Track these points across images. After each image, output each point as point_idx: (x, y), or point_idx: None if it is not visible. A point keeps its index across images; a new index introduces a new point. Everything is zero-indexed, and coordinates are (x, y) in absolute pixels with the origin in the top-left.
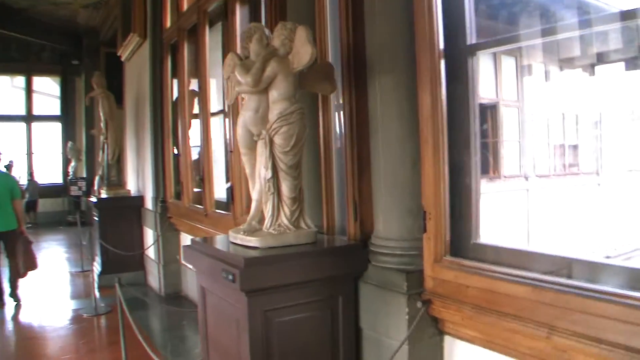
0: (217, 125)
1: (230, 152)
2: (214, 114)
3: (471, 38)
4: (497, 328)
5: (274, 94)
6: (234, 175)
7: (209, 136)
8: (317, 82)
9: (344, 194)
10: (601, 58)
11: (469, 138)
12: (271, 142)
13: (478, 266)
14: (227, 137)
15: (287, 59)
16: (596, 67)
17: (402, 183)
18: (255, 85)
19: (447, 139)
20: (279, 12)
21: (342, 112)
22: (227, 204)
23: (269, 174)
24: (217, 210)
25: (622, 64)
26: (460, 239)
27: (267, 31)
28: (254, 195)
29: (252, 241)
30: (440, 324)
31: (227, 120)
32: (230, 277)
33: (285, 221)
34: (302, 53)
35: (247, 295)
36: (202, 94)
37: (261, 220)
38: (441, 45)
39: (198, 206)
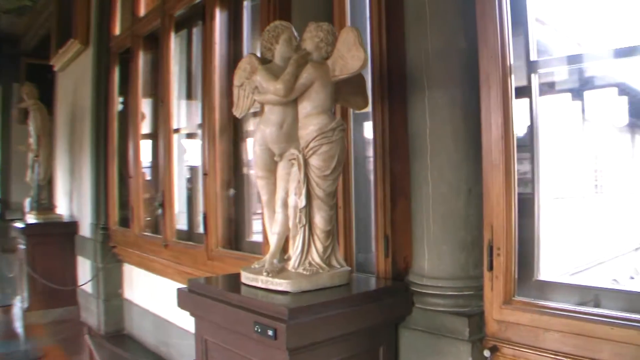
0: (180, 145)
1: (204, 175)
2: (177, 131)
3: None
4: None
5: (306, 106)
6: (209, 202)
7: (172, 157)
8: (350, 95)
9: (365, 224)
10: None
11: (533, 162)
12: (306, 164)
13: (560, 307)
14: (204, 157)
15: (326, 65)
16: None
17: (456, 214)
18: (287, 95)
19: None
20: (277, 12)
21: (371, 130)
22: (191, 235)
23: (303, 202)
24: (180, 241)
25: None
26: (524, 276)
27: (295, 32)
28: (275, 228)
29: (282, 284)
30: None
31: (196, 138)
32: (271, 332)
33: (317, 259)
34: (349, 58)
35: (291, 355)
36: (164, 109)
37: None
38: (512, 59)
39: (154, 235)
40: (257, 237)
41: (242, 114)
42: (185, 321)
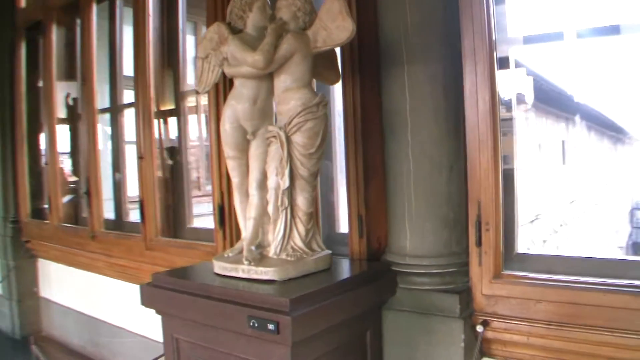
0: (105, 127)
1: (140, 158)
2: (102, 111)
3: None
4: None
5: (285, 79)
6: (146, 188)
7: (97, 140)
8: (322, 69)
9: (329, 202)
10: None
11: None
12: (288, 141)
13: (552, 278)
14: (139, 139)
15: (306, 36)
16: None
17: (438, 190)
18: (266, 66)
19: None
20: None
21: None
22: (120, 224)
23: (286, 183)
24: (110, 231)
25: None
26: (506, 250)
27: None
28: (251, 213)
29: (268, 272)
30: (493, 347)
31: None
32: (272, 326)
33: (300, 243)
34: (334, 29)
35: (292, 349)
36: (87, 88)
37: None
38: (495, 34)
39: (77, 226)
40: (199, 223)
41: (205, 88)
42: (118, 318)
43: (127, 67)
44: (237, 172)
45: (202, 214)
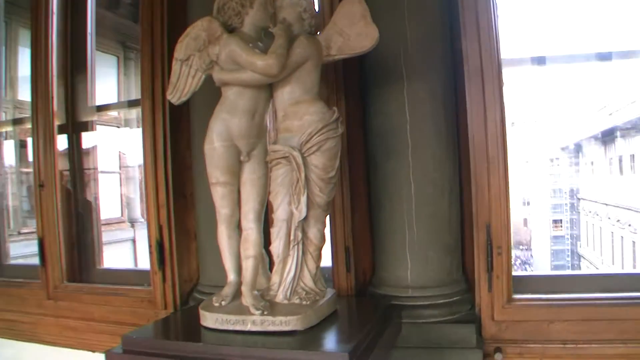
0: None
1: (40, 186)
2: None
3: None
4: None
5: (294, 90)
6: (48, 223)
7: None
8: None
9: None
10: None
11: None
12: (305, 164)
13: (564, 297)
14: (37, 162)
15: (319, 41)
16: None
17: (441, 215)
18: (279, 73)
19: None
20: None
21: None
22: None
23: (303, 213)
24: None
25: None
26: None
27: None
28: (250, 250)
29: (290, 322)
30: None
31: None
32: None
33: (310, 283)
34: (353, 35)
35: None
36: None
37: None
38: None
39: None
40: (111, 262)
41: (181, 98)
42: None
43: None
44: (228, 201)
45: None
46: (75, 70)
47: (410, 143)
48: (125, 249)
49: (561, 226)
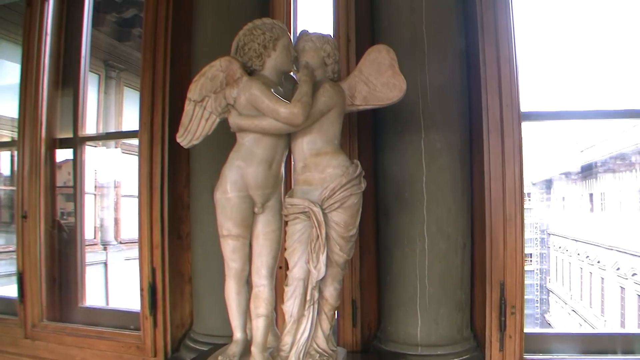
0: None
1: (23, 217)
2: None
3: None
4: None
5: (315, 140)
6: (29, 256)
7: None
8: None
9: None
10: None
11: None
12: (326, 220)
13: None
14: (21, 191)
15: (342, 89)
16: None
17: (454, 271)
18: (303, 123)
19: None
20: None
21: None
22: None
23: (322, 272)
24: None
25: None
26: None
27: None
28: (262, 309)
29: None
30: None
31: None
32: None
33: (323, 344)
34: (380, 85)
35: None
36: None
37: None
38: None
39: None
40: (93, 300)
41: (192, 142)
42: None
43: None
44: (239, 255)
45: None
46: (65, 91)
47: (425, 196)
48: (96, 271)
49: (531, 260)
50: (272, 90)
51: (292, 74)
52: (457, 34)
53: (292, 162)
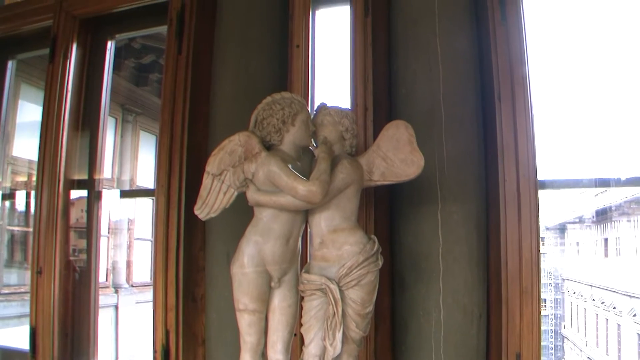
0: None
1: (38, 273)
2: None
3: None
4: None
5: (333, 216)
6: (43, 312)
7: None
8: None
9: None
10: None
11: None
12: (342, 297)
13: None
14: (37, 247)
15: (361, 165)
16: None
17: (469, 343)
18: (321, 201)
19: None
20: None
21: None
22: None
23: (337, 350)
24: None
25: None
26: None
27: None
28: None
29: None
30: None
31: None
32: None
33: None
34: (398, 161)
35: None
36: None
37: None
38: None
39: None
40: (105, 354)
41: (210, 215)
42: None
43: None
44: (256, 330)
45: None
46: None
47: (442, 267)
48: (107, 314)
49: (545, 306)
50: (290, 165)
51: (312, 148)
52: (473, 102)
53: (309, 236)
